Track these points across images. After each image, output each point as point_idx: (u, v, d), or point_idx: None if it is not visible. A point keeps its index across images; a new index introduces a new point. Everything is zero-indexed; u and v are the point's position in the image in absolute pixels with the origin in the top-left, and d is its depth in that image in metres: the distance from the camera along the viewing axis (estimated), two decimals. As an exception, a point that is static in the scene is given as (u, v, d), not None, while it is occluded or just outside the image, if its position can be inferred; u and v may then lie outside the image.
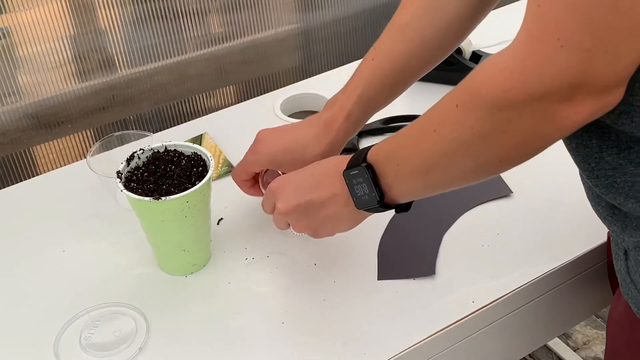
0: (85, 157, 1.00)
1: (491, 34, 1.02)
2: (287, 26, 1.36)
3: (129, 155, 0.82)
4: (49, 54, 1.12)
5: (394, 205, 0.70)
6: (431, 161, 0.62)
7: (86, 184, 0.99)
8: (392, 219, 0.91)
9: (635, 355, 0.74)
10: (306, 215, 0.73)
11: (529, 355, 1.72)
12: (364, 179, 0.68)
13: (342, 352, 0.75)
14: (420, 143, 0.63)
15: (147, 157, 0.82)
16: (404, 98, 0.87)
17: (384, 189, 0.67)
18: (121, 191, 0.77)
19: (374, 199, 0.68)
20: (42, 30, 1.10)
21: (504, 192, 0.95)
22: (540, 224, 0.90)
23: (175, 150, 0.83)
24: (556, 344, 1.74)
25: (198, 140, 1.10)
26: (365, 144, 1.06)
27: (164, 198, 0.76)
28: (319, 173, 0.73)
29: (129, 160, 0.81)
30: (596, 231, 0.85)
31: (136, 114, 1.26)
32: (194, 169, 0.81)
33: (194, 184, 0.78)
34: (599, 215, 0.69)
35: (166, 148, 0.83)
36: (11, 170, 1.17)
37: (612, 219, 0.66)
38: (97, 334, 0.78)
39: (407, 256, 0.86)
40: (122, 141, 1.00)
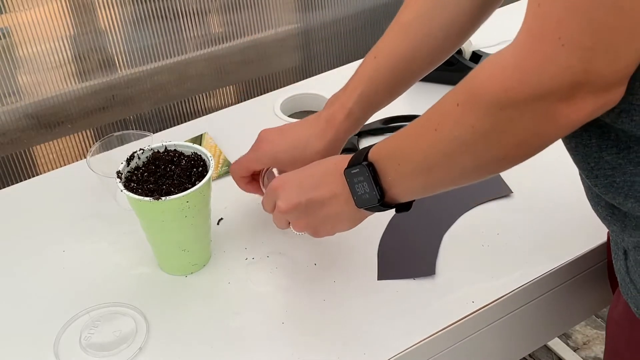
0: (85, 157, 1.00)
1: (491, 34, 1.02)
2: (287, 26, 1.36)
3: (129, 155, 0.82)
4: (49, 54, 1.12)
5: (394, 205, 0.70)
6: (432, 160, 0.62)
7: (86, 184, 0.99)
8: (392, 219, 0.91)
9: (635, 355, 0.74)
10: (306, 214, 0.73)
11: (529, 355, 1.72)
12: (365, 177, 0.67)
13: (342, 352, 0.75)
14: (420, 142, 0.63)
15: (147, 157, 0.82)
16: (404, 98, 0.87)
17: (385, 187, 0.67)
18: (121, 191, 0.77)
19: (374, 197, 0.68)
20: (42, 30, 1.10)
21: (504, 192, 0.95)
22: (540, 224, 0.90)
23: (175, 150, 0.83)
24: (556, 344, 1.74)
25: (198, 140, 1.10)
26: (365, 143, 1.06)
27: (164, 198, 0.76)
28: (319, 172, 0.73)
29: (129, 160, 0.81)
30: (596, 231, 0.85)
31: (136, 114, 1.26)
32: (194, 169, 0.81)
33: (194, 184, 0.78)
34: (599, 215, 0.69)
35: (166, 148, 0.83)
36: (11, 170, 1.17)
37: (612, 219, 0.66)
38: (97, 334, 0.78)
39: (407, 256, 0.86)
40: (122, 141, 1.00)
